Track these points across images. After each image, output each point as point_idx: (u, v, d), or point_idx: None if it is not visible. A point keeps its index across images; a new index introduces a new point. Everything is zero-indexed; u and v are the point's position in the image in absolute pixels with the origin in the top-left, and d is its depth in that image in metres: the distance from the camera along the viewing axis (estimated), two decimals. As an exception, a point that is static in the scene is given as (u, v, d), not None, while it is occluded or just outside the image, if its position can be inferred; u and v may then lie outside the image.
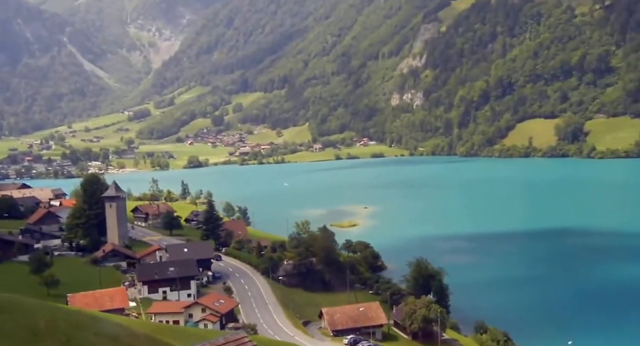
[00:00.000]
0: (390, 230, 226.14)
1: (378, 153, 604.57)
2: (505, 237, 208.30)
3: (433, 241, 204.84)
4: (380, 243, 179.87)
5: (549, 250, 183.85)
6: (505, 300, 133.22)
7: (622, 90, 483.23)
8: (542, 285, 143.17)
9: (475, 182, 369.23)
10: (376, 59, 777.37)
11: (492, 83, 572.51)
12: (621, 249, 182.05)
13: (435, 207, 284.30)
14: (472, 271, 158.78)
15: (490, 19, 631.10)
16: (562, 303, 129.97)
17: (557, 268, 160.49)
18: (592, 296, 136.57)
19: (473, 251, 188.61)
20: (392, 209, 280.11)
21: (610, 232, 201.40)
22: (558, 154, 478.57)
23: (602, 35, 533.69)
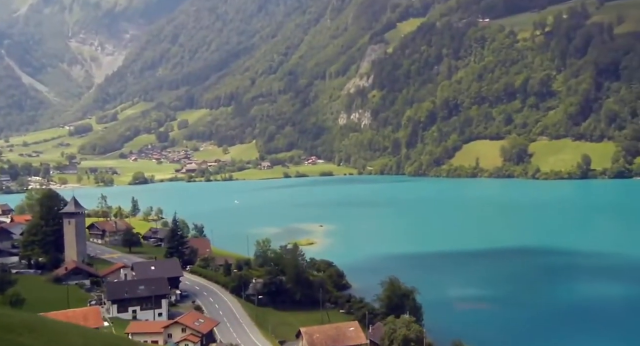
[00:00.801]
0: (349, 249, 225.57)
1: (327, 171, 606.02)
2: (463, 255, 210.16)
3: (393, 259, 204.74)
4: (340, 261, 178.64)
5: (508, 268, 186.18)
6: (475, 318, 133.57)
7: (563, 113, 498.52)
8: (510, 303, 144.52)
9: (426, 200, 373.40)
10: (323, 78, 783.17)
11: (438, 104, 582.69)
12: (577, 267, 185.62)
13: (391, 225, 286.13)
14: (436, 290, 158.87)
15: (436, 42, 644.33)
16: (531, 321, 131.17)
17: (520, 285, 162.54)
18: (559, 313, 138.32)
19: (434, 269, 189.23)
20: (348, 227, 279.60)
21: (565, 251, 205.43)
22: (504, 175, 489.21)
23: (544, 60, 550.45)
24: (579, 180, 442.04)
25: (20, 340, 26.64)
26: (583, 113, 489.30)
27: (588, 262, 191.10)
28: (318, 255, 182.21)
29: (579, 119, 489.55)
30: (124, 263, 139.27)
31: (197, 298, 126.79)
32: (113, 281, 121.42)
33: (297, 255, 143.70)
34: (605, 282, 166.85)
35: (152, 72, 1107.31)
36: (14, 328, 31.27)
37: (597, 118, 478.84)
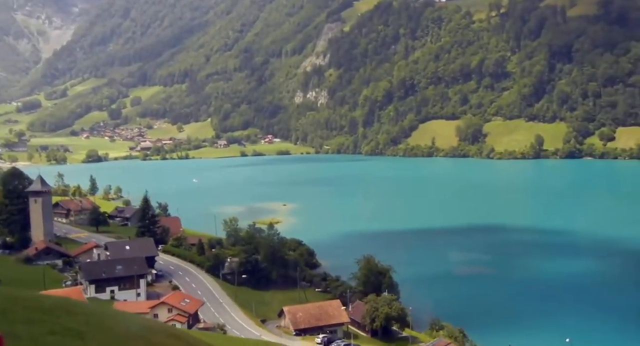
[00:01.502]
0: (315, 227, 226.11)
1: (284, 150, 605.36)
2: (428, 232, 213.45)
3: (359, 237, 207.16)
4: (307, 240, 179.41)
5: (474, 245, 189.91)
6: (448, 294, 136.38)
7: (517, 94, 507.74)
8: (481, 279, 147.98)
9: (386, 179, 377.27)
10: (279, 57, 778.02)
11: (395, 84, 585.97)
12: (539, 244, 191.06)
13: (353, 204, 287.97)
14: (407, 267, 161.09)
15: (393, 21, 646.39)
16: (506, 296, 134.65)
17: (488, 262, 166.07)
18: (531, 289, 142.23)
19: (402, 246, 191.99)
20: (311, 206, 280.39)
21: (525, 228, 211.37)
22: (459, 154, 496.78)
23: (499, 41, 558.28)
24: (532, 160, 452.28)
25: (61, 322, 26.25)
26: (536, 95, 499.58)
27: (549, 239, 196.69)
28: (284, 234, 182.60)
29: (533, 100, 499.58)
30: (96, 243, 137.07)
31: (173, 278, 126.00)
32: (89, 262, 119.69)
33: (273, 235, 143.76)
34: (568, 258, 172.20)
35: (103, 48, 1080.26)
36: (51, 310, 30.77)
37: (550, 100, 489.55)
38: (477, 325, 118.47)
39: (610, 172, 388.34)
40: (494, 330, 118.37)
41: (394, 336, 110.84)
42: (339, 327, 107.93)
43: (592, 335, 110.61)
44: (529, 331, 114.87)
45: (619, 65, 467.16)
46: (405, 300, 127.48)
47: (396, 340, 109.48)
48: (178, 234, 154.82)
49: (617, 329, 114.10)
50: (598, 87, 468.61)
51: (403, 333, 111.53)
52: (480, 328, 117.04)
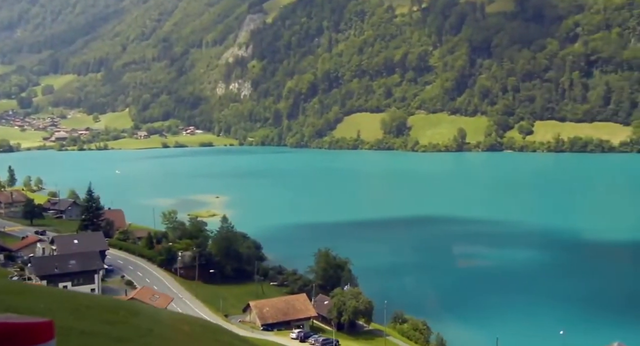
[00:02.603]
0: (253, 220, 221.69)
1: (207, 142, 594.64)
2: (367, 224, 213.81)
3: (300, 229, 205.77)
4: (247, 233, 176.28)
5: (414, 236, 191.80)
6: (406, 286, 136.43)
7: (440, 88, 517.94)
8: (430, 270, 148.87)
9: (315, 171, 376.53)
10: (200, 47, 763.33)
11: (319, 76, 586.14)
12: (475, 233, 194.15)
13: (287, 195, 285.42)
14: (356, 260, 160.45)
15: (316, 14, 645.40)
16: (456, 286, 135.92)
17: (430, 251, 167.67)
18: (474, 278, 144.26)
19: (341, 237, 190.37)
20: (245, 198, 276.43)
21: (459, 219, 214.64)
22: (384, 147, 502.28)
23: (421, 35, 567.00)
24: (455, 153, 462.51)
25: (132, 322, 23.19)
26: (458, 89, 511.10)
27: (482, 229, 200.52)
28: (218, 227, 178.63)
29: (455, 94, 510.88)
30: (39, 237, 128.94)
31: (124, 273, 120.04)
32: (40, 256, 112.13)
33: (226, 228, 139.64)
34: (505, 247, 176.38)
35: (10, 33, 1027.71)
36: (117, 310, 27.41)
37: (472, 94, 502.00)
38: (437, 315, 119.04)
39: (529, 165, 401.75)
40: (452, 320, 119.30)
41: (359, 330, 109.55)
42: (306, 322, 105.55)
43: (542, 322, 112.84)
44: (485, 320, 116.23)
45: (536, 61, 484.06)
46: (365, 293, 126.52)
47: (362, 333, 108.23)
48: (125, 227, 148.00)
49: (568, 314, 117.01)
50: (517, 82, 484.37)
51: (369, 327, 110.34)
52: (440, 318, 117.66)
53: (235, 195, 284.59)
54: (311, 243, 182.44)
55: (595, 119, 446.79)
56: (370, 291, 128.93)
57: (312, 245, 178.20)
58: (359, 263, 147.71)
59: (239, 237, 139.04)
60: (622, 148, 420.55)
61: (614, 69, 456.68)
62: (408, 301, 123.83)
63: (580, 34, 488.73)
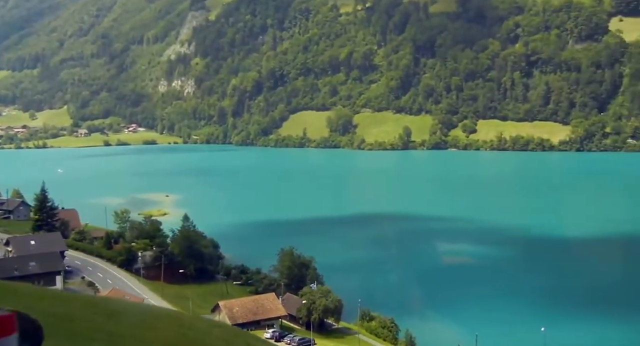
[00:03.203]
0: (206, 219, 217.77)
1: (150, 140, 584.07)
2: (321, 222, 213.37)
3: (255, 227, 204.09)
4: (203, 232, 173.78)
5: (371, 233, 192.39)
6: (369, 283, 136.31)
7: (385, 87, 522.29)
8: (393, 267, 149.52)
9: (263, 169, 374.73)
10: (140, 43, 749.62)
11: (264, 74, 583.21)
12: (429, 229, 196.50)
13: (238, 193, 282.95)
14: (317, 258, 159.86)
15: (261, 12, 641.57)
16: (420, 283, 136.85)
17: (392, 250, 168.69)
18: (435, 274, 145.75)
19: (299, 235, 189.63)
20: (196, 197, 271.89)
21: (420, 217, 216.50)
22: (331, 145, 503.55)
23: (366, 34, 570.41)
24: (401, 151, 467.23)
25: (162, 326, 23.27)
26: (403, 88, 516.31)
27: (438, 225, 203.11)
28: (175, 226, 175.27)
29: (400, 93, 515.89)
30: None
31: (84, 274, 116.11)
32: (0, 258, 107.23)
33: (188, 227, 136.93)
34: (459, 242, 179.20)
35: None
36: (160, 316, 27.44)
37: (416, 93, 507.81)
38: (404, 312, 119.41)
39: (473, 163, 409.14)
40: (419, 316, 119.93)
41: (328, 328, 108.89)
42: (276, 321, 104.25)
43: (504, 318, 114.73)
44: (451, 316, 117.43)
45: (479, 61, 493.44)
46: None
47: (332, 332, 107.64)
48: (80, 227, 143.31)
49: (541, 310, 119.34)
50: (460, 82, 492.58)
51: (337, 325, 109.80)
52: (406, 315, 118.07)
53: (185, 193, 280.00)
54: (268, 241, 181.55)
55: (535, 118, 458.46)
56: (335, 290, 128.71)
57: (268, 243, 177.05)
58: (320, 261, 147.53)
59: (200, 236, 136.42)
60: (562, 146, 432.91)
61: (553, 70, 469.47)
62: (373, 298, 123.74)
63: (520, 35, 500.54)
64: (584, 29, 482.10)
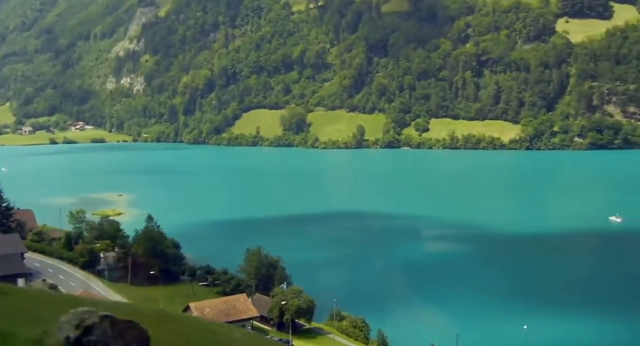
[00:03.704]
0: (162, 219, 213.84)
1: (98, 138, 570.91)
2: (280, 220, 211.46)
3: (212, 227, 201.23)
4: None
5: (335, 231, 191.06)
6: (334, 281, 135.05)
7: (338, 86, 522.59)
8: (359, 266, 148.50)
9: (216, 168, 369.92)
10: (87, 39, 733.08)
11: (216, 72, 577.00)
12: (392, 228, 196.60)
13: (193, 192, 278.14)
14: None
15: (212, 9, 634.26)
16: (387, 281, 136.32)
17: (355, 248, 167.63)
18: (396, 272, 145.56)
19: (256, 234, 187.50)
20: (150, 196, 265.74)
21: (379, 214, 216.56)
22: (284, 144, 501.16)
23: (319, 33, 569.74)
24: (355, 149, 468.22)
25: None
26: (356, 86, 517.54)
27: (397, 223, 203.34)
28: (132, 226, 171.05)
29: (353, 92, 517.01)
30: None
31: (44, 276, 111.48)
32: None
33: (152, 227, 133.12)
34: (419, 239, 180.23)
35: None
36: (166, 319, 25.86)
37: (369, 91, 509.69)
38: (374, 311, 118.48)
39: (427, 161, 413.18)
40: (389, 315, 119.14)
41: (299, 328, 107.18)
42: (247, 322, 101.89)
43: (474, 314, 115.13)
44: (422, 315, 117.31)
45: (431, 60, 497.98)
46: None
47: (305, 332, 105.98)
48: (38, 228, 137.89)
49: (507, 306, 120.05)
50: (413, 81, 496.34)
51: (309, 326, 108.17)
52: (377, 314, 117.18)
53: (139, 193, 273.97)
54: (229, 241, 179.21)
55: (486, 117, 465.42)
56: (304, 289, 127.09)
57: (230, 243, 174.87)
58: (286, 261, 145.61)
59: (163, 236, 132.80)
60: (512, 145, 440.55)
61: (503, 69, 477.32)
62: (343, 297, 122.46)
63: (471, 35, 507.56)
64: (532, 29, 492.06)
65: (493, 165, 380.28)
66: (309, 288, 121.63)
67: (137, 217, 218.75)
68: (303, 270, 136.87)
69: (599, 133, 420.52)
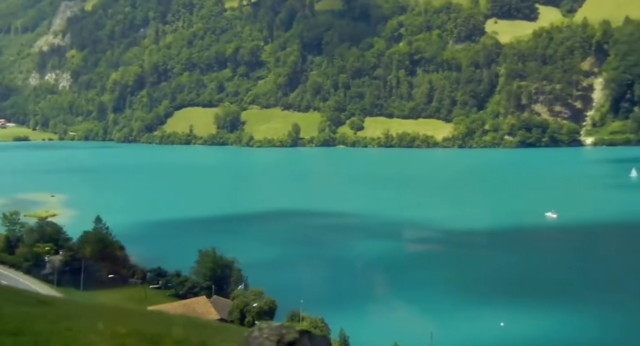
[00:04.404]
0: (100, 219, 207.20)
1: (22, 136, 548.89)
2: (223, 219, 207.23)
3: (156, 227, 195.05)
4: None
5: (281, 230, 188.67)
6: (293, 282, 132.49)
7: (273, 84, 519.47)
8: (313, 264, 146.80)
9: (149, 166, 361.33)
10: (8, 33, 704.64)
11: (147, 69, 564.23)
12: (343, 225, 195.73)
13: (129, 192, 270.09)
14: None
15: (141, 4, 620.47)
16: (343, 280, 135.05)
17: (306, 247, 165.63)
18: (356, 270, 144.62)
19: (203, 234, 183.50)
20: (85, 197, 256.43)
21: (324, 212, 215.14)
22: (218, 142, 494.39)
23: (252, 30, 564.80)
24: (290, 148, 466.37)
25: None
26: (291, 84, 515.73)
27: (342, 221, 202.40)
28: (71, 228, 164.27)
29: (288, 90, 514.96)
30: None
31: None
32: None
33: (101, 228, 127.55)
34: (365, 237, 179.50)
35: None
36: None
37: (304, 90, 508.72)
38: (333, 311, 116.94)
39: (362, 159, 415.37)
40: (348, 315, 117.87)
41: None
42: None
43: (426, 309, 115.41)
44: (384, 313, 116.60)
45: (365, 59, 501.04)
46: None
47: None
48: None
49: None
50: (347, 79, 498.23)
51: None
52: (336, 314, 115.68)
53: (72, 193, 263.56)
54: (172, 241, 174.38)
55: (420, 116, 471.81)
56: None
57: (173, 243, 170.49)
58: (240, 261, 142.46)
59: (112, 238, 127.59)
60: (445, 143, 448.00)
61: (435, 69, 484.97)
62: (301, 297, 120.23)
63: (404, 35, 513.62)
64: (463, 30, 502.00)
65: (428, 163, 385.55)
66: (266, 288, 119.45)
67: (73, 218, 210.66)
68: (258, 270, 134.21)
69: (528, 131, 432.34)
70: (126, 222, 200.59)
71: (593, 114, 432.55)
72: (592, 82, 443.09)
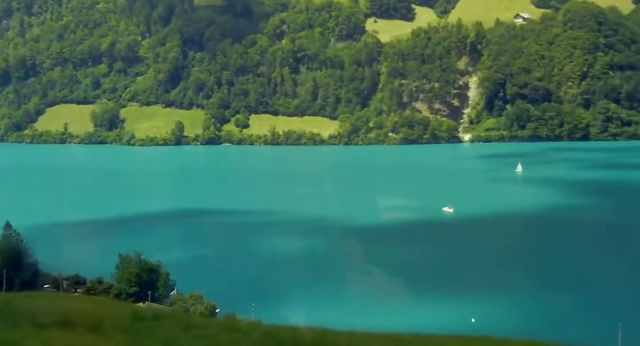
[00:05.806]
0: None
1: None
2: (125, 221, 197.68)
3: (57, 230, 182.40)
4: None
5: (193, 229, 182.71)
6: (216, 279, 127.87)
7: (153, 80, 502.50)
8: (237, 264, 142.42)
9: (27, 167, 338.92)
10: None
11: (12, 63, 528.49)
12: (245, 223, 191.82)
13: (14, 195, 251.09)
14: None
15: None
16: (274, 278, 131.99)
17: (223, 246, 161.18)
18: (275, 268, 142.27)
19: (110, 236, 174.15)
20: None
21: (226, 211, 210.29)
22: (97, 141, 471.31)
23: (129, 24, 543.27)
24: (174, 146, 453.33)
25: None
26: (172, 81, 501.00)
27: (244, 219, 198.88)
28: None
29: (169, 86, 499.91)
30: None
31: None
32: None
33: (12, 235, 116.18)
34: (270, 235, 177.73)
35: None
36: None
37: (186, 86, 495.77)
38: (264, 311, 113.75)
39: (250, 157, 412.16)
40: (281, 313, 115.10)
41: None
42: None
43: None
44: (317, 311, 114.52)
45: (248, 55, 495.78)
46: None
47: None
48: None
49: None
50: (231, 76, 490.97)
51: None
52: (268, 314, 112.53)
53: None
54: (77, 246, 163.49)
55: (305, 113, 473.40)
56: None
57: (81, 248, 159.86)
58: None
59: (25, 245, 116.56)
60: (331, 140, 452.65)
61: (319, 67, 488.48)
62: (231, 299, 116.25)
63: (286, 32, 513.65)
64: (344, 28, 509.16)
65: (315, 160, 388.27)
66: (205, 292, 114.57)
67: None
68: (183, 272, 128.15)
69: (410, 128, 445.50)
70: (24, 223, 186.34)
71: (469, 112, 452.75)
72: (468, 81, 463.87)
